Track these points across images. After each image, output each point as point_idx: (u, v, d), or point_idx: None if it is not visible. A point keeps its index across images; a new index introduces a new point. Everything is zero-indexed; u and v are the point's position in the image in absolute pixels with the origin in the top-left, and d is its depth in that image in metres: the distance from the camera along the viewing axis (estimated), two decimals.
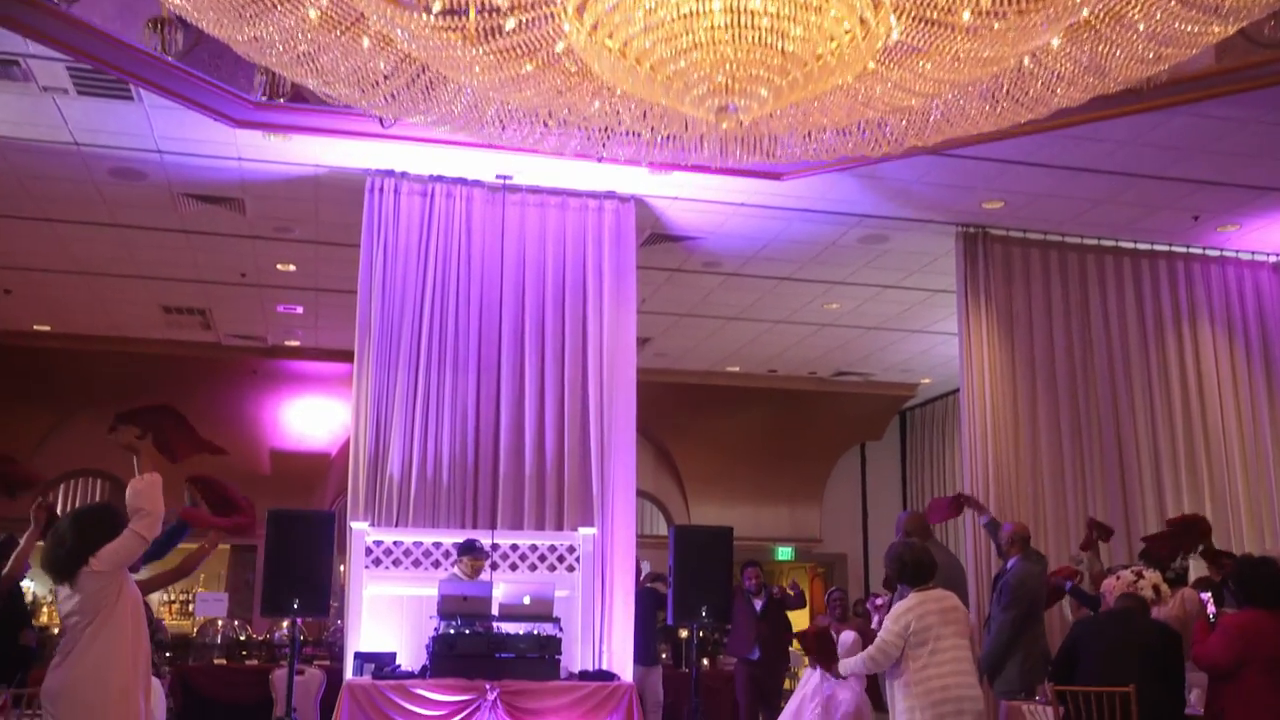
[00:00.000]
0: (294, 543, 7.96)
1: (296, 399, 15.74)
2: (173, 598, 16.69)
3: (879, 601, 9.35)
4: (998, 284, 10.81)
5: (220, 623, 11.98)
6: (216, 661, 11.55)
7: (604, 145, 5.27)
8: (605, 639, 9.29)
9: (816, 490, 17.44)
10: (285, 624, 12.17)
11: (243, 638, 12.04)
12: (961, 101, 4.96)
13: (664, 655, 12.55)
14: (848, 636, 9.08)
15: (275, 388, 15.71)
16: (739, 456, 16.69)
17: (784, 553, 17.12)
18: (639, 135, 5.01)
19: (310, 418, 15.64)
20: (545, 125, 4.86)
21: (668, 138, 5.07)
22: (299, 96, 6.67)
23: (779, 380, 16.32)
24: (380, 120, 6.86)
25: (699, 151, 5.23)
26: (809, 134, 5.03)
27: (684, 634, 11.20)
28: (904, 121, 5.12)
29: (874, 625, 9.14)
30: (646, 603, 9.88)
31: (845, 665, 6.36)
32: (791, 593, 10.20)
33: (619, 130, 5.06)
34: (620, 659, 9.15)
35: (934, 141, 5.17)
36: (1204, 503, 10.68)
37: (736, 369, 15.95)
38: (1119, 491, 10.81)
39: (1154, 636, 6.21)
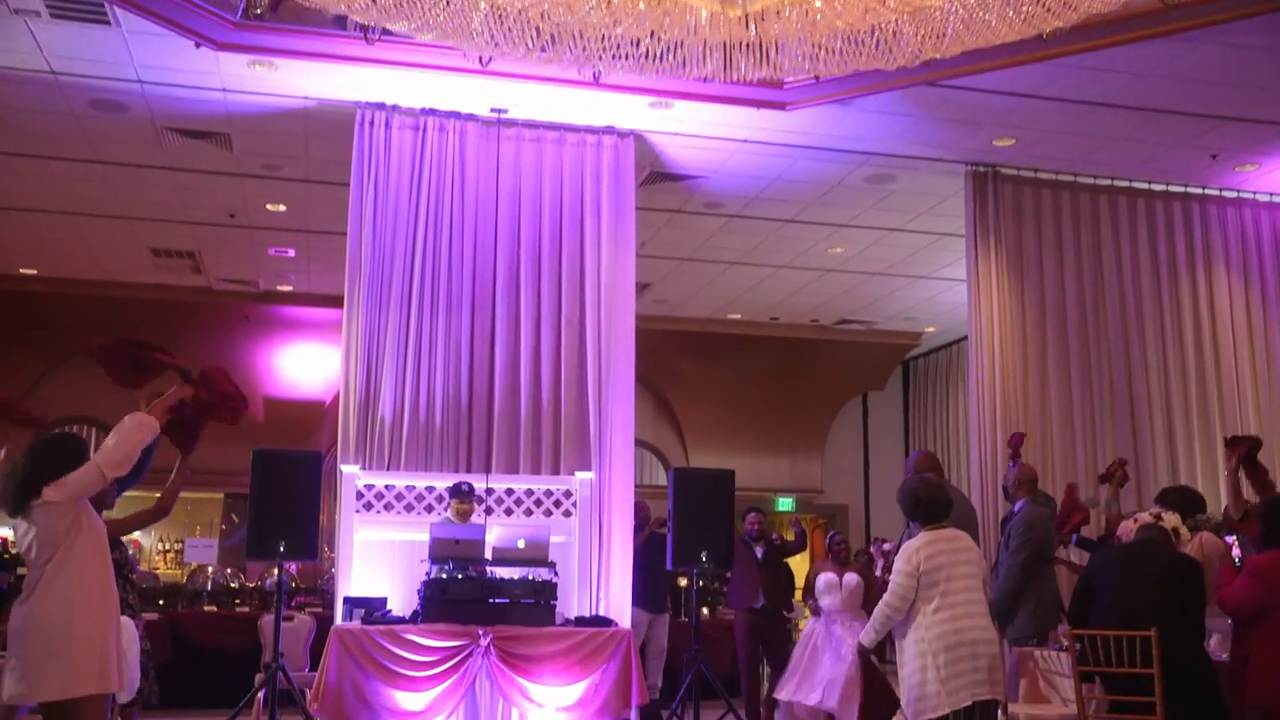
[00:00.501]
0: (280, 485, 7.71)
1: (290, 346, 15.49)
2: (167, 546, 16.52)
3: (886, 546, 9.08)
4: (1008, 226, 10.51)
5: (211, 569, 11.76)
6: (207, 609, 11.35)
7: (600, 59, 4.93)
8: (603, 585, 9.08)
9: (818, 441, 17.21)
10: (276, 570, 11.99)
11: (234, 585, 11.82)
12: (982, 12, 4.65)
13: None
14: (850, 579, 8.82)
15: (268, 334, 15.45)
16: (739, 406, 16.45)
17: (785, 503, 16.89)
18: (638, 45, 4.69)
19: (304, 365, 15.39)
20: (537, 32, 4.53)
21: (669, 48, 4.74)
22: (279, 13, 6.33)
23: (781, 328, 16.05)
24: (365, 35, 6.53)
25: (702, 65, 4.91)
26: (820, 44, 4.71)
27: (683, 582, 10.96)
28: (920, 34, 4.80)
29: (878, 571, 8.87)
30: (655, 549, 9.62)
31: (865, 635, 6.06)
32: (793, 533, 9.91)
33: (617, 41, 4.73)
34: (618, 606, 8.94)
35: (952, 53, 4.85)
36: (1216, 451, 10.41)
37: (738, 316, 15.68)
38: (1129, 438, 10.58)
39: (1175, 567, 5.94)
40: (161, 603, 11.56)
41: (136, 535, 16.92)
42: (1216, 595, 5.88)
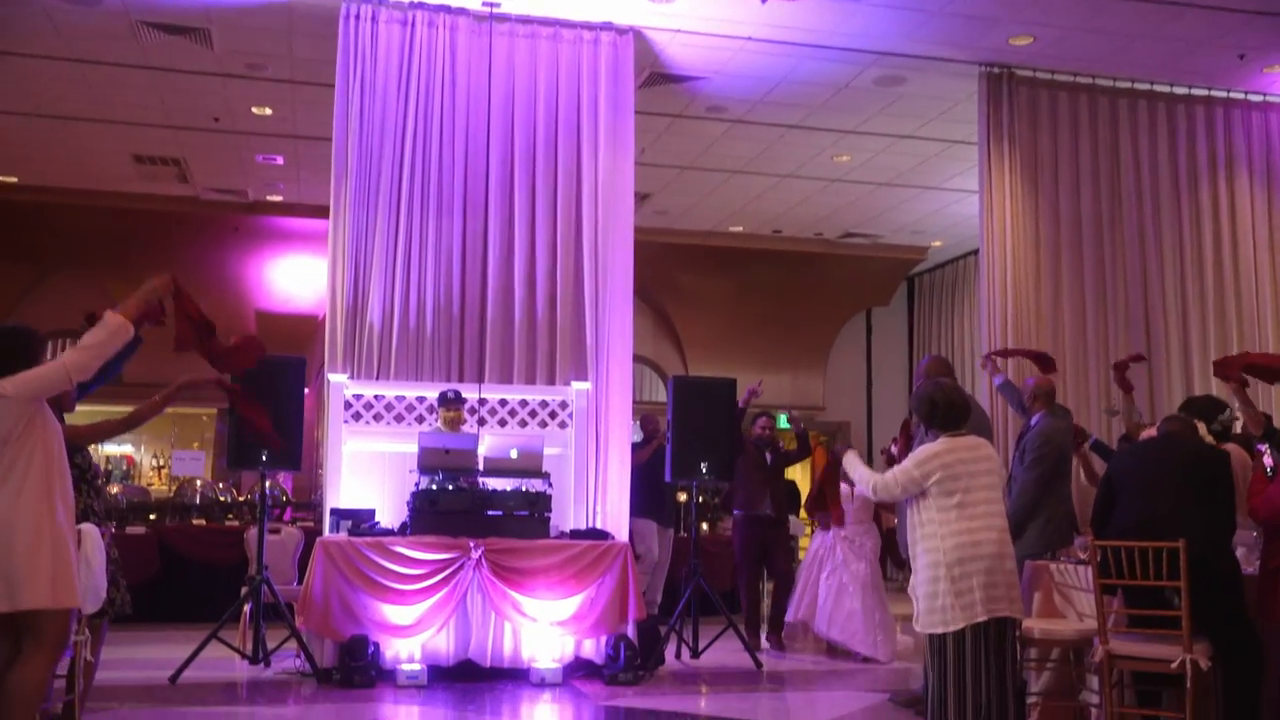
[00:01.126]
0: (261, 392, 7.36)
1: (281, 258, 15.09)
2: (161, 462, 16.31)
3: (894, 450, 8.70)
4: (1023, 131, 10.10)
5: (200, 483, 11.51)
6: (196, 522, 11.10)
7: None
8: (599, 498, 8.82)
9: (820, 357, 16.89)
10: (269, 482, 11.73)
11: (224, 499, 11.57)
12: None
13: None
14: (860, 490, 8.58)
15: (259, 246, 15.05)
16: (741, 321, 16.12)
17: (786, 420, 16.60)
18: None
19: (296, 277, 14.99)
20: None
21: None
22: None
23: (784, 242, 15.67)
24: None
25: None
26: None
27: (683, 497, 10.70)
28: None
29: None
30: (663, 463, 9.29)
31: (848, 461, 5.71)
32: (794, 439, 9.60)
33: None
34: (615, 519, 8.68)
35: None
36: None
37: (740, 229, 15.28)
38: (1144, 351, 10.29)
39: (1200, 459, 5.59)
40: (153, 517, 11.32)
41: (129, 450, 16.74)
42: (1247, 505, 5.56)
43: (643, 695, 6.88)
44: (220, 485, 12.42)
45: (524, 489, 7.65)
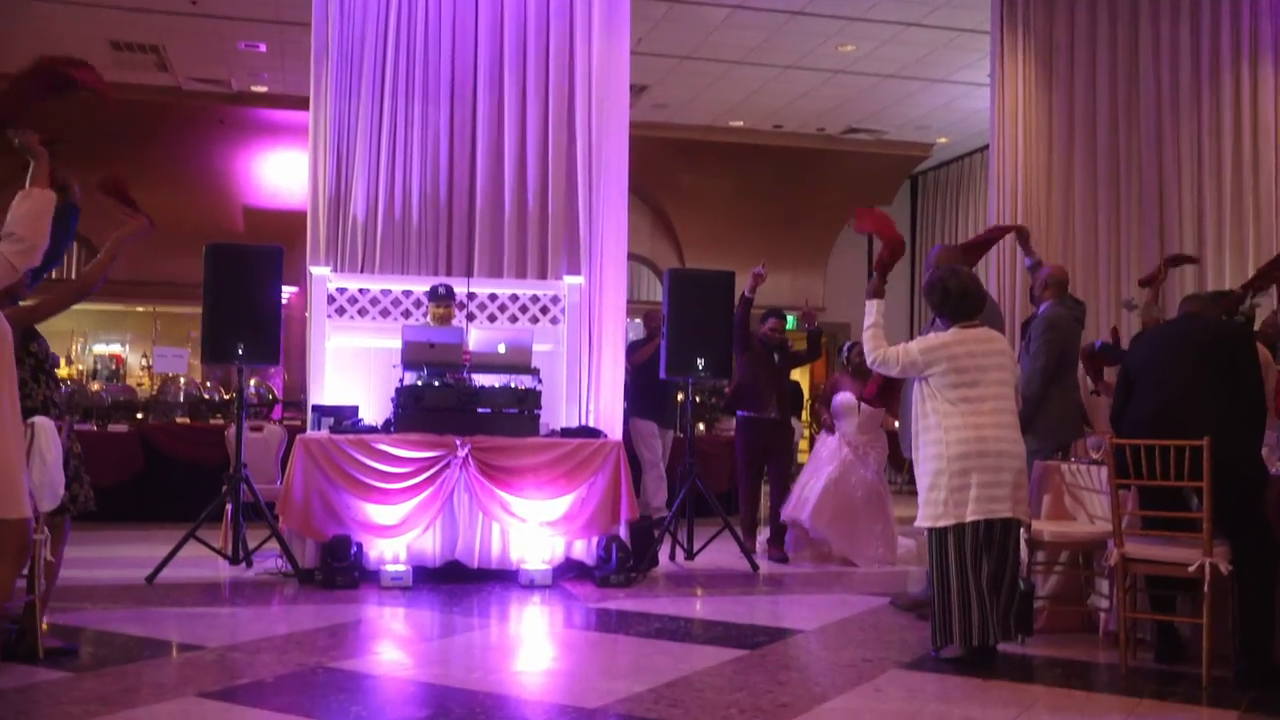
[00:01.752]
0: (237, 282, 7.06)
1: (269, 152, 14.64)
2: (149, 361, 16.00)
3: None
4: (1037, 13, 9.67)
5: (183, 380, 11.22)
6: (180, 421, 10.84)
7: None
8: (592, 396, 8.54)
9: (821, 257, 16.53)
10: (254, 380, 11.48)
11: (209, 397, 11.31)
12: None
13: None
14: (855, 401, 8.32)
15: (245, 139, 14.60)
16: (740, 220, 15.72)
17: (795, 321, 16.29)
18: None
19: (285, 171, 14.53)
20: None
21: None
22: None
23: (785, 138, 15.22)
24: None
25: None
26: None
27: (680, 397, 10.42)
28: None
29: None
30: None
31: (868, 330, 5.44)
32: (805, 339, 9.14)
33: None
34: (608, 418, 8.42)
35: None
36: (1247, 265, 9.75)
37: (740, 123, 14.82)
38: (1156, 249, 9.96)
39: (1219, 334, 5.20)
40: (140, 416, 11.06)
41: (118, 350, 16.42)
42: (1275, 404, 5.27)
43: (634, 597, 6.66)
44: (208, 384, 12.16)
45: (513, 385, 7.36)
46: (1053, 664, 5.16)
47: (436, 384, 7.19)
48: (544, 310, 8.63)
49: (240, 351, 7.04)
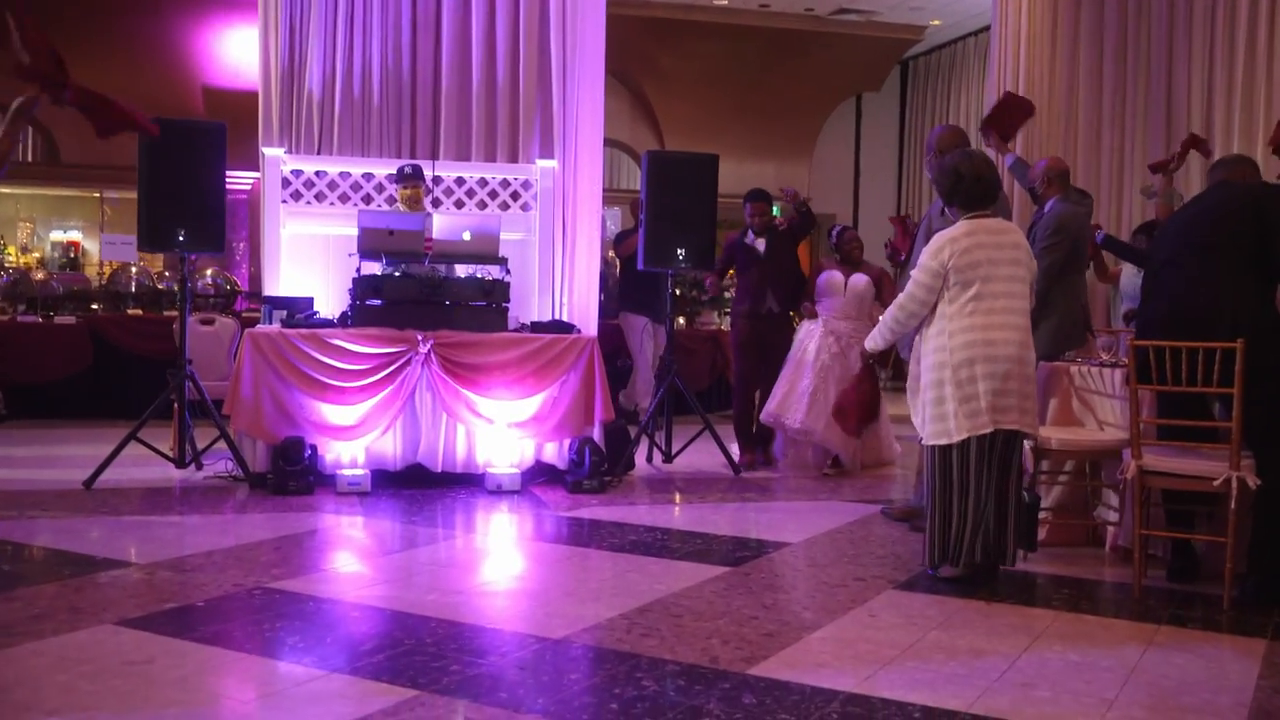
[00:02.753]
0: (176, 162, 6.45)
1: (229, 28, 13.82)
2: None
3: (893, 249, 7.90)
4: None
5: (134, 269, 10.63)
6: (131, 312, 10.28)
7: None
8: (566, 289, 8.05)
9: (806, 146, 15.89)
10: (212, 270, 10.90)
11: (163, 287, 10.74)
12: None
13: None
14: (859, 281, 7.81)
15: (204, 14, 13.77)
16: (723, 105, 15.05)
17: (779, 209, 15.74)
18: None
19: (247, 48, 13.71)
20: None
21: None
22: None
23: (771, 18, 14.48)
24: None
25: None
26: None
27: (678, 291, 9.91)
28: None
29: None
30: None
31: (872, 337, 4.94)
32: (790, 210, 8.11)
33: None
34: (582, 312, 7.93)
35: None
36: (1257, 154, 9.24)
37: (724, 2, 14.08)
38: (1163, 140, 9.44)
39: (1258, 201, 4.64)
40: (96, 307, 10.49)
41: (77, 237, 15.74)
42: None
43: (608, 505, 6.23)
44: (166, 273, 11.57)
45: (479, 276, 6.84)
46: (1059, 584, 4.77)
47: (396, 274, 6.67)
48: (514, 196, 8.10)
49: (181, 238, 6.47)
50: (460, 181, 8.01)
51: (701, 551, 5.18)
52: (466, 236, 6.72)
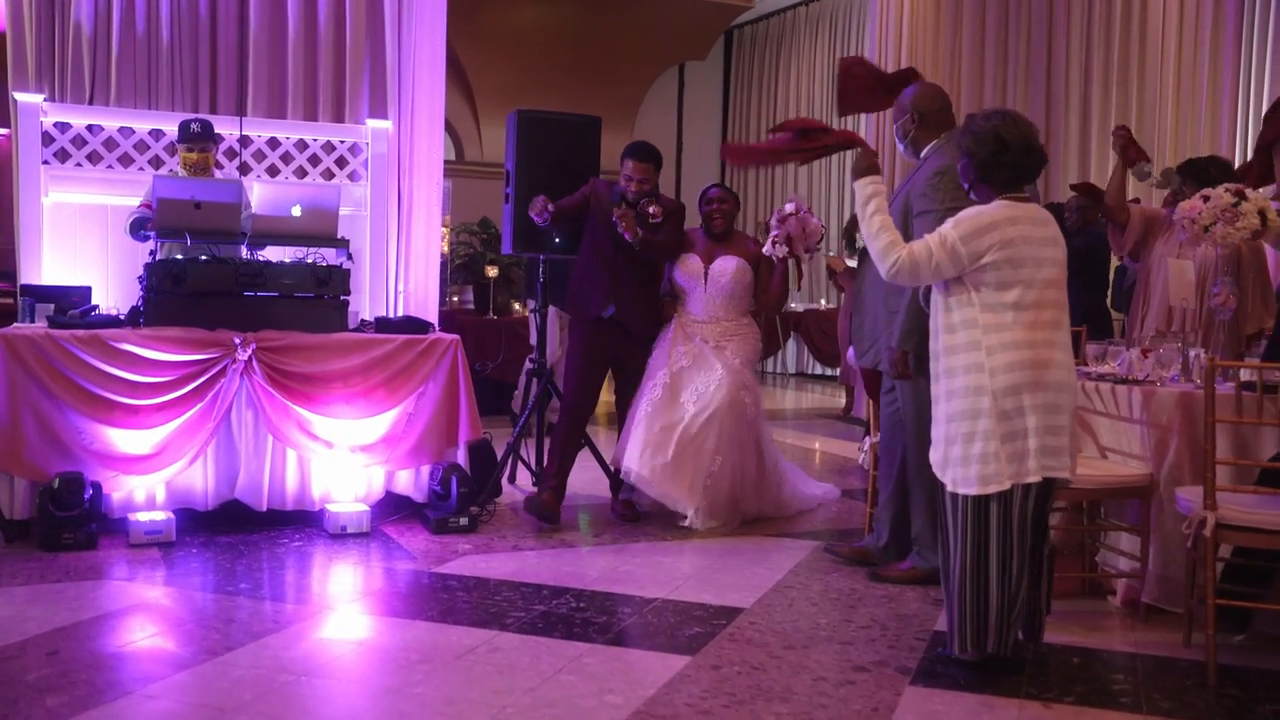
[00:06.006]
0: None
1: None
2: None
3: (789, 208, 6.13)
4: None
5: None
6: None
7: None
8: (401, 275, 6.73)
9: (628, 114, 14.76)
10: None
11: None
12: None
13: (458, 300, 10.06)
14: (727, 265, 5.74)
15: None
16: (541, 70, 13.71)
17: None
18: None
19: None
20: None
21: None
22: None
23: None
24: None
25: None
26: None
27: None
28: None
29: (772, 247, 5.59)
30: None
31: (874, 235, 3.60)
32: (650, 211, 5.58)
33: None
34: (420, 302, 6.65)
35: None
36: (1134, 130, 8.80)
37: None
38: (1043, 111, 8.94)
39: None
40: None
41: None
42: None
43: (488, 552, 4.94)
44: None
45: (310, 261, 5.43)
46: (1095, 661, 3.77)
47: (204, 259, 5.21)
48: (340, 163, 6.75)
49: None
50: (274, 144, 6.59)
51: (641, 628, 3.97)
52: (297, 212, 5.29)
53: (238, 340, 5.09)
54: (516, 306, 9.99)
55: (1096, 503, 4.46)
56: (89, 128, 6.21)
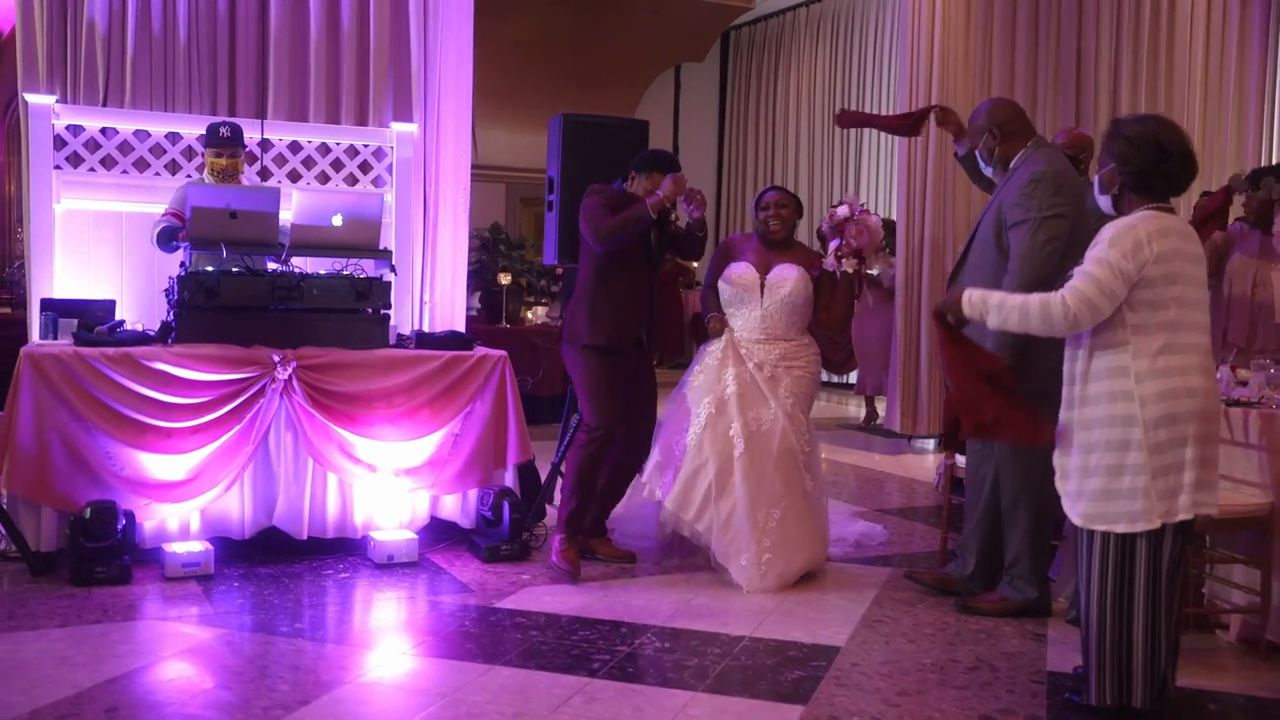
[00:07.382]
0: None
1: None
2: None
3: (843, 211, 5.07)
4: None
5: None
6: None
7: None
8: (427, 286, 6.45)
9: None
10: None
11: None
12: None
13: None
14: (787, 273, 5.05)
15: None
16: (535, 73, 13.42)
17: None
18: None
19: None
20: None
21: None
22: None
23: None
24: None
25: None
26: None
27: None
28: None
29: (830, 261, 5.01)
30: None
31: (970, 302, 3.39)
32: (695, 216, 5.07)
33: None
34: (446, 314, 6.37)
35: None
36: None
37: None
38: (1073, 113, 8.76)
39: None
40: None
41: None
42: None
43: (549, 583, 4.62)
44: None
45: (348, 274, 5.12)
46: (1237, 712, 3.54)
47: (237, 271, 4.90)
48: (364, 168, 6.45)
49: None
50: (295, 148, 6.28)
51: (739, 671, 3.68)
52: (338, 221, 4.98)
53: (277, 358, 4.78)
54: (529, 315, 9.67)
55: (1203, 533, 4.22)
56: (103, 130, 5.90)
